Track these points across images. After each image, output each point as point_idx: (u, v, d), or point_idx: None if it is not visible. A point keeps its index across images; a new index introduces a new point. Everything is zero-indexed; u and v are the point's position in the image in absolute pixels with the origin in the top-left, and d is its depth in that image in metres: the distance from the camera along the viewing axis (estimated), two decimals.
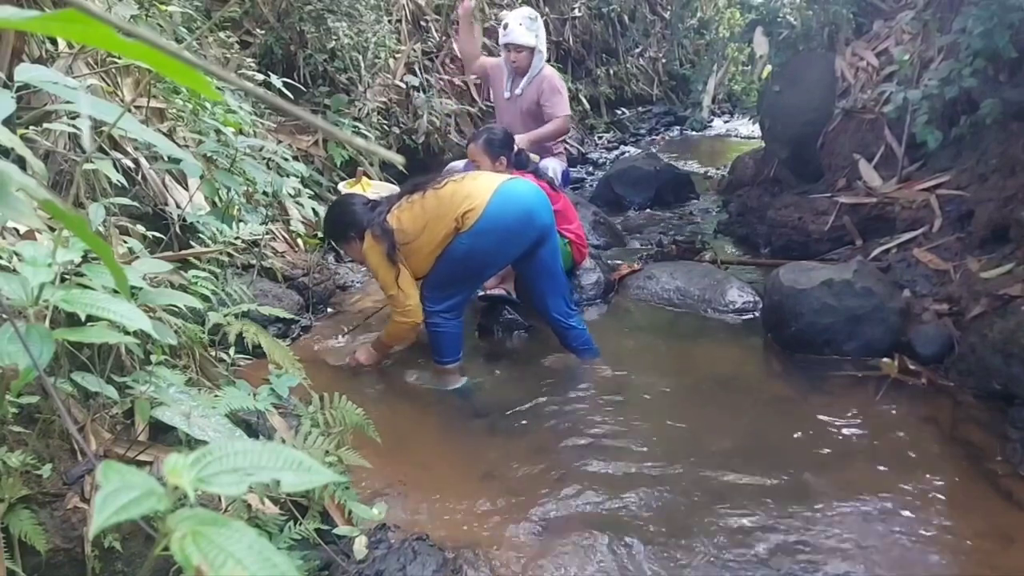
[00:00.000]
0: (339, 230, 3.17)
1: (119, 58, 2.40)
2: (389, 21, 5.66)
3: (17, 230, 1.70)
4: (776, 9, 5.51)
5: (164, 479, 0.58)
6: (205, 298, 2.14)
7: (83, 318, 1.18)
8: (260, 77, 3.64)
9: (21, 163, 0.98)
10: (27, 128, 2.03)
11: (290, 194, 3.17)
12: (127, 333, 1.33)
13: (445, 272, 3.05)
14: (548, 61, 4.33)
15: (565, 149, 5.09)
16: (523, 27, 4.30)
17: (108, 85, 2.60)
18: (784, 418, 2.97)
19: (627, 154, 8.03)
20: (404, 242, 2.99)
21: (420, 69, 5.96)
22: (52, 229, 1.62)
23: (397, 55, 5.70)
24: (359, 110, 5.05)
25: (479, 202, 2.93)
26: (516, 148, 3.68)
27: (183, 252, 2.43)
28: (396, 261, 2.98)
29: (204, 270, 2.34)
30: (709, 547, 2.22)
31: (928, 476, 2.57)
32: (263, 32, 4.75)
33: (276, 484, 0.61)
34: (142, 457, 1.78)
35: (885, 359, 3.24)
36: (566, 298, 3.26)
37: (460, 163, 4.21)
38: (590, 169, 7.61)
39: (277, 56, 4.79)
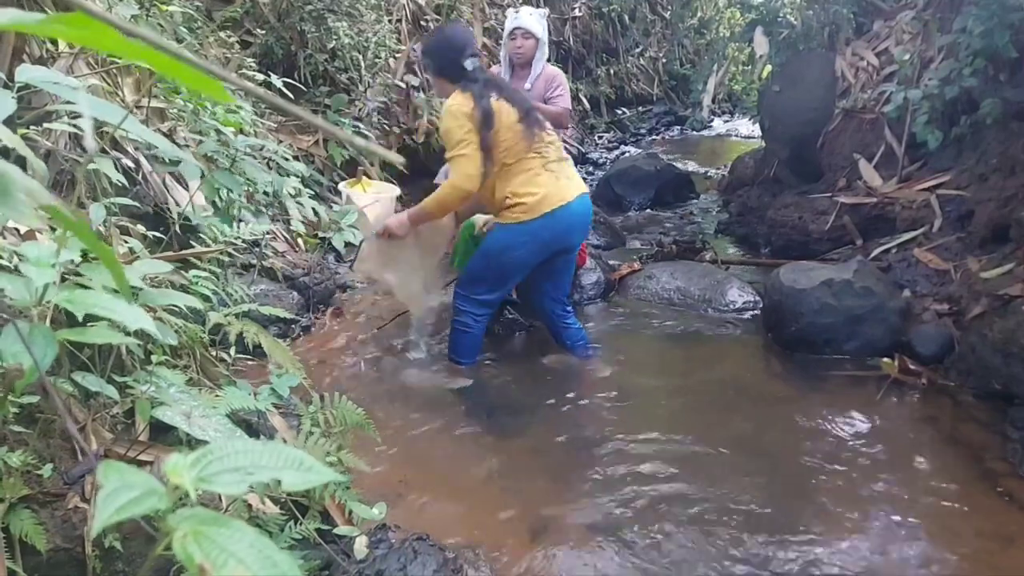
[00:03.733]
0: (442, 62, 2.96)
1: (120, 58, 2.41)
2: (389, 21, 5.66)
3: (18, 230, 1.70)
4: (776, 9, 5.52)
5: (165, 478, 0.59)
6: (205, 298, 2.14)
7: (84, 318, 1.18)
8: (260, 77, 3.65)
9: (22, 163, 0.98)
10: (28, 128, 2.03)
11: (290, 194, 3.17)
12: (128, 333, 1.33)
13: (476, 267, 3.06)
14: (548, 61, 4.30)
15: (565, 150, 5.07)
16: (533, 17, 4.28)
17: (108, 85, 2.60)
18: (784, 418, 2.97)
19: (627, 154, 8.04)
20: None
21: (420, 69, 5.96)
22: (53, 229, 1.62)
23: (397, 55, 5.70)
24: (359, 110, 5.06)
25: (536, 201, 2.89)
26: None
27: (183, 252, 2.42)
28: (485, 137, 2.82)
29: (204, 270, 2.34)
30: (708, 546, 2.22)
31: (928, 476, 2.58)
32: (263, 32, 4.75)
33: (277, 483, 0.61)
34: (142, 457, 1.78)
35: (885, 359, 3.24)
36: (561, 302, 3.27)
37: None
38: (590, 169, 7.62)
39: (277, 56, 4.79)
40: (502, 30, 4.53)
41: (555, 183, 2.95)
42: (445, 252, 3.40)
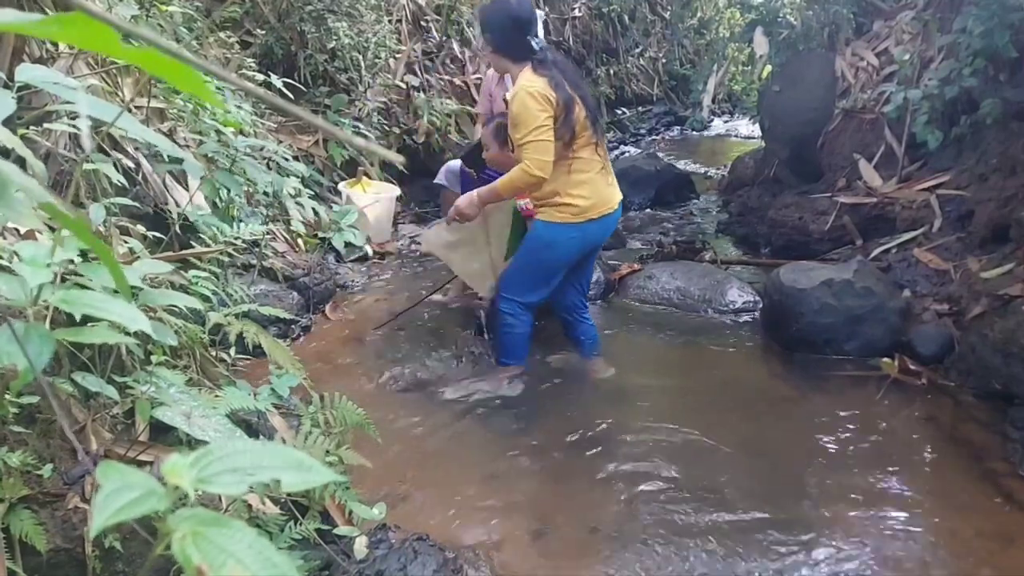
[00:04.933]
0: (505, 37, 2.74)
1: (118, 59, 2.40)
2: (389, 21, 5.66)
3: (18, 230, 1.70)
4: (776, 9, 5.52)
5: (164, 479, 0.58)
6: (205, 298, 2.14)
7: (83, 318, 1.18)
8: (260, 77, 3.65)
9: (21, 163, 0.98)
10: (27, 128, 2.03)
11: (290, 194, 3.17)
12: (127, 334, 1.33)
13: (521, 267, 3.00)
14: (539, 39, 4.24)
15: None
16: None
17: (108, 85, 2.60)
18: (784, 418, 2.97)
19: (627, 154, 8.03)
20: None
21: (420, 69, 5.97)
22: (52, 229, 1.62)
23: (397, 55, 5.70)
24: (359, 110, 5.05)
25: (587, 205, 2.83)
26: None
27: (183, 252, 2.42)
28: (563, 126, 2.66)
29: (204, 270, 2.34)
30: (709, 546, 2.22)
31: (928, 476, 2.58)
32: (263, 32, 4.75)
33: (276, 484, 0.61)
34: (142, 457, 1.78)
35: (885, 359, 3.24)
36: (584, 294, 3.27)
37: (456, 162, 4.21)
38: None
39: (277, 56, 4.79)
40: None
41: (605, 188, 2.89)
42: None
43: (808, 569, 2.14)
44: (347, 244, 4.03)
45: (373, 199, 4.56)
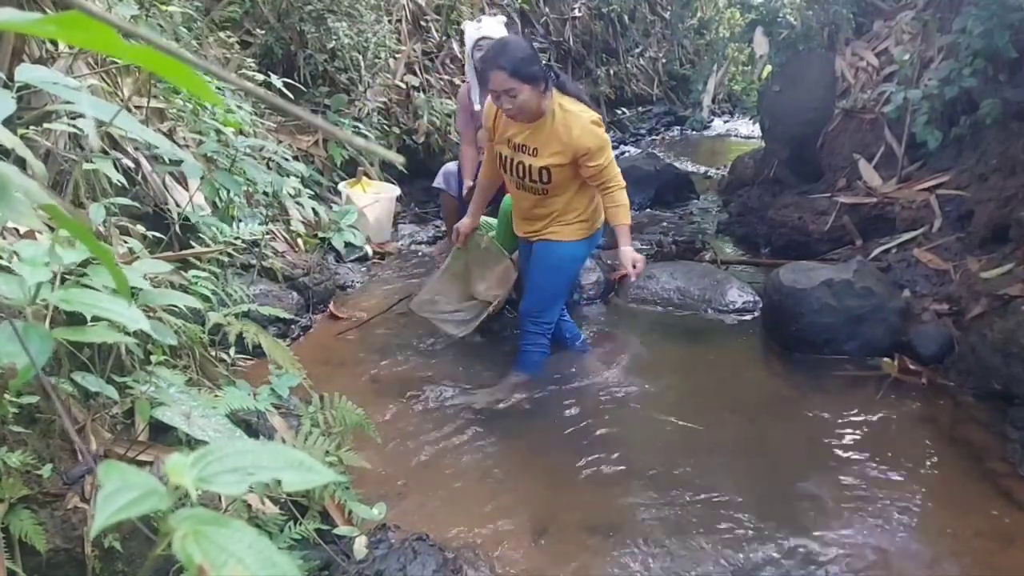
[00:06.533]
0: (541, 68, 2.58)
1: (118, 58, 2.40)
2: (389, 21, 5.66)
3: (17, 230, 1.70)
4: (776, 9, 5.52)
5: (165, 478, 0.58)
6: (205, 298, 2.14)
7: (85, 318, 1.18)
8: (260, 77, 3.65)
9: (21, 164, 0.98)
10: (27, 128, 2.03)
11: (290, 194, 3.17)
12: (127, 333, 1.33)
13: (555, 288, 3.03)
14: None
15: None
16: (499, 25, 4.15)
17: (108, 85, 2.60)
18: (784, 418, 2.97)
19: (627, 154, 8.02)
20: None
21: (420, 69, 5.97)
22: (52, 229, 1.62)
23: (397, 55, 5.70)
24: (359, 110, 5.05)
25: (598, 219, 2.95)
26: None
27: (183, 252, 2.42)
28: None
29: (204, 270, 2.34)
30: (709, 546, 2.22)
31: (928, 476, 2.58)
32: (263, 32, 4.75)
33: (276, 484, 0.61)
34: (142, 457, 1.78)
35: (885, 359, 3.24)
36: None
37: (454, 164, 4.21)
38: None
39: (277, 56, 4.79)
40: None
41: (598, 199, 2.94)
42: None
43: (808, 569, 2.14)
44: (347, 244, 4.03)
45: (373, 199, 4.56)
